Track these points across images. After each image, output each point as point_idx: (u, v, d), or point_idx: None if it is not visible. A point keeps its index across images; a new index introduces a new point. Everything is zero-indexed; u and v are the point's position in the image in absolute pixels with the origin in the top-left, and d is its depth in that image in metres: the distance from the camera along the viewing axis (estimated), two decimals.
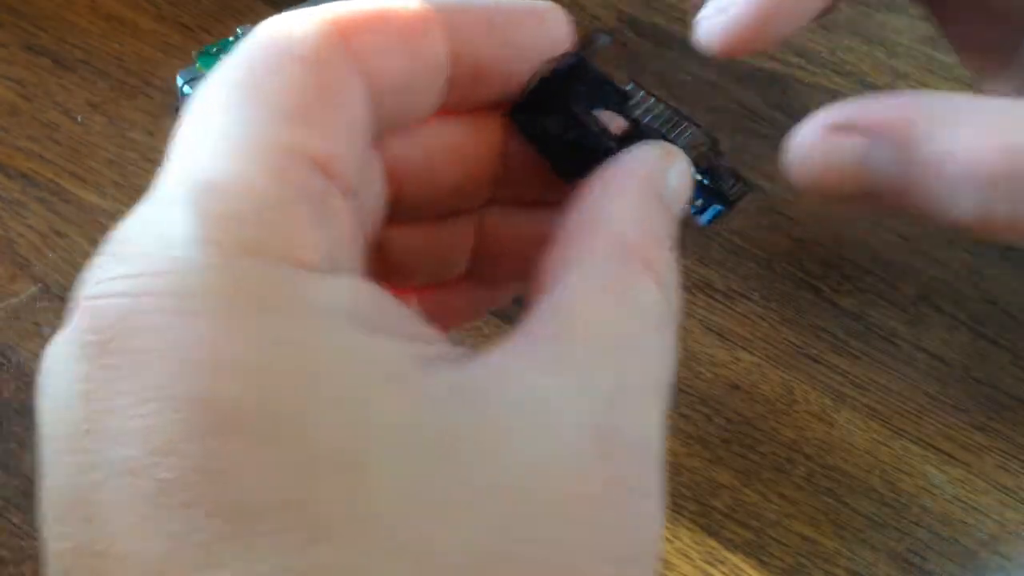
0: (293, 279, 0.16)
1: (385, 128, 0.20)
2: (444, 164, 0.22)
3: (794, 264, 0.39)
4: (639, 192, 0.20)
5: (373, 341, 0.17)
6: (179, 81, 0.38)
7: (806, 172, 0.25)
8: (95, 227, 0.37)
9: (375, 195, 0.21)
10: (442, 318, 0.22)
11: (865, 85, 0.44)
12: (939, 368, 0.37)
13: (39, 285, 0.36)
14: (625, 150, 0.21)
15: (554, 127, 0.22)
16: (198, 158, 0.17)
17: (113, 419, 0.15)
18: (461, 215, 0.23)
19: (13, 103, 0.40)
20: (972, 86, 0.43)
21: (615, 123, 0.23)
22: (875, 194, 0.25)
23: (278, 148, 0.17)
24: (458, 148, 0.22)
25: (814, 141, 0.25)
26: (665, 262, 0.20)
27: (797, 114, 0.28)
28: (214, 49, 0.38)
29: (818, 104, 0.30)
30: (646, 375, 0.19)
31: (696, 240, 0.39)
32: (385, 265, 0.23)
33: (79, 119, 0.40)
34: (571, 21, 0.22)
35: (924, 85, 0.43)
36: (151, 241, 0.17)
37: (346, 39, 0.18)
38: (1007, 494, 0.34)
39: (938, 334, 0.37)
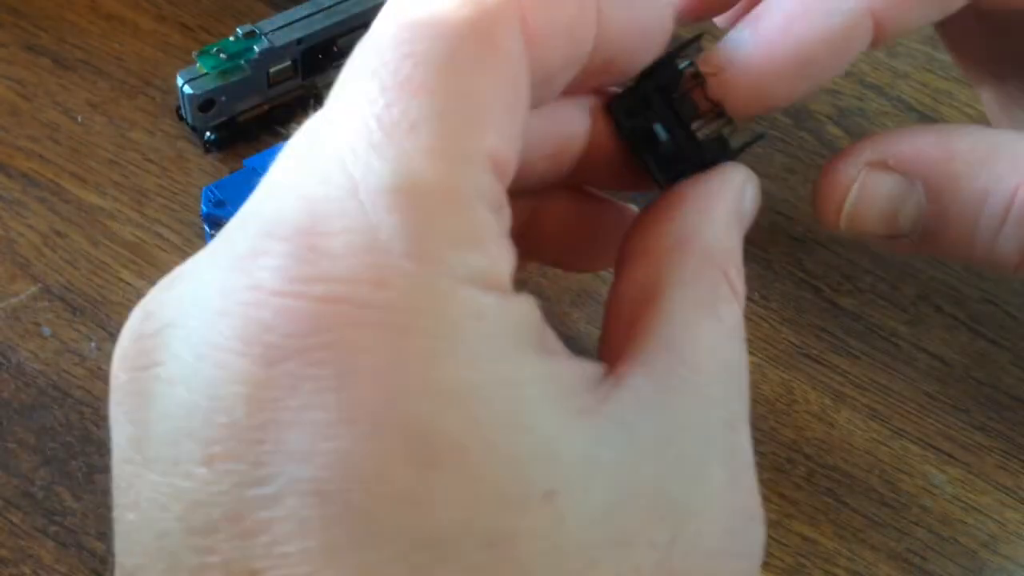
0: (496, 305, 0.16)
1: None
2: (535, 144, 0.21)
3: (794, 264, 0.39)
4: (726, 214, 0.21)
5: (554, 368, 0.16)
6: (179, 81, 0.38)
7: (836, 210, 0.24)
8: (95, 227, 0.37)
9: None
10: None
11: (865, 85, 0.44)
12: (939, 368, 0.37)
13: (39, 285, 0.36)
14: (713, 169, 0.22)
15: (662, 130, 0.22)
16: (399, 151, 0.16)
17: (298, 435, 0.14)
18: (558, 195, 0.23)
19: (13, 103, 0.40)
20: (972, 86, 0.43)
21: (711, 126, 0.23)
22: (908, 234, 0.24)
23: (478, 154, 0.16)
24: (551, 129, 0.21)
25: (847, 178, 0.24)
26: (741, 278, 0.20)
27: (797, 114, 0.28)
28: (214, 49, 0.38)
29: (818, 104, 0.30)
30: (742, 395, 0.19)
31: None
32: None
33: (79, 119, 0.40)
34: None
35: (924, 85, 0.43)
36: (357, 243, 0.15)
37: (523, 23, 0.17)
38: (1007, 494, 0.34)
39: (938, 334, 0.37)
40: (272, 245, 0.15)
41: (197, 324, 0.15)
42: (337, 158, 0.16)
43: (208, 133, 0.39)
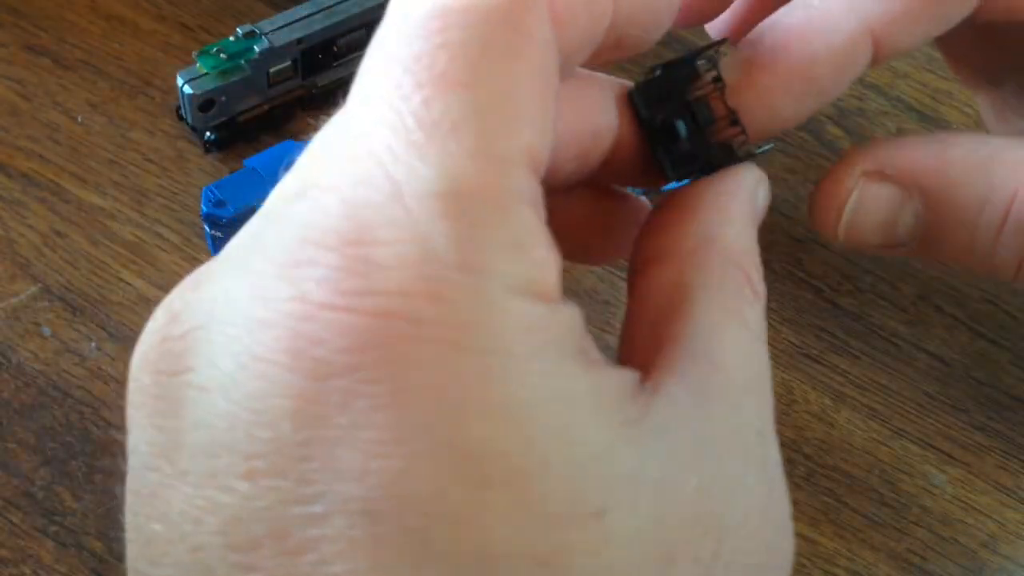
0: (545, 316, 0.15)
1: None
2: (565, 142, 0.21)
3: (794, 264, 0.39)
4: (743, 215, 0.20)
5: (598, 379, 0.16)
6: (179, 81, 0.38)
7: (833, 220, 0.24)
8: (95, 227, 0.37)
9: None
10: None
11: (865, 85, 0.44)
12: (939, 368, 0.37)
13: (39, 285, 0.36)
14: (728, 170, 0.22)
15: (683, 127, 0.22)
16: (443, 152, 0.15)
17: (348, 452, 0.14)
18: (576, 191, 0.23)
19: (13, 103, 0.40)
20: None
21: (729, 131, 0.23)
22: (906, 243, 0.24)
23: (519, 153, 0.16)
24: (580, 127, 0.21)
25: (844, 190, 0.24)
26: (761, 279, 0.20)
27: None
28: (214, 49, 0.38)
29: None
30: (770, 402, 0.19)
31: None
32: None
33: (79, 119, 0.40)
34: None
35: (924, 85, 0.43)
36: (409, 255, 0.15)
37: (551, 5, 0.17)
38: (1007, 494, 0.34)
39: (938, 334, 0.37)
40: (317, 254, 0.15)
41: (236, 332, 0.15)
42: (375, 158, 0.15)
43: (208, 133, 0.39)
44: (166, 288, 0.19)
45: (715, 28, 0.26)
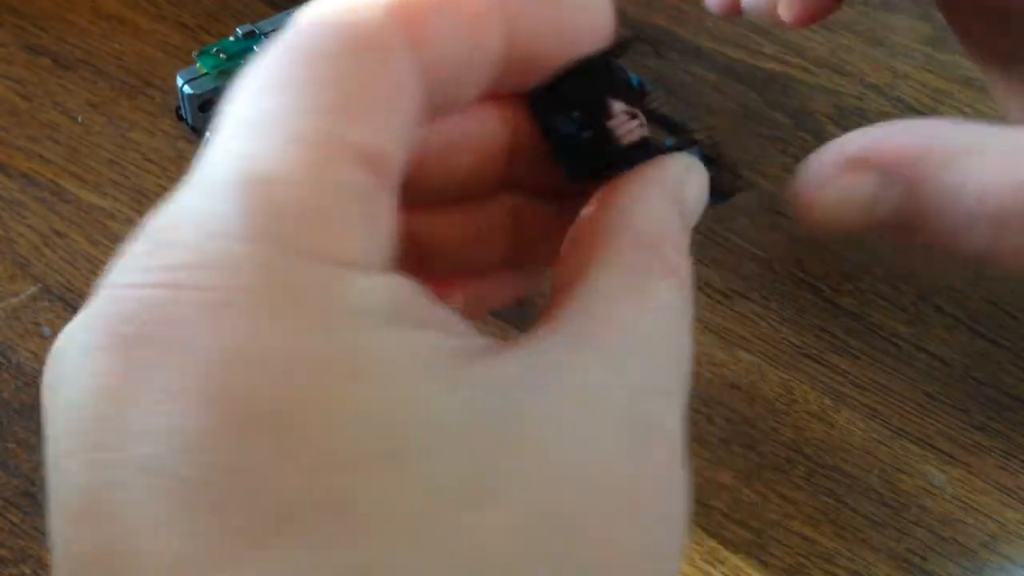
0: (332, 277, 0.16)
1: (432, 115, 0.19)
2: (457, 146, 0.21)
3: (794, 264, 0.39)
4: (660, 199, 0.21)
5: (411, 336, 0.17)
6: (179, 81, 0.38)
7: (817, 207, 0.25)
8: (95, 227, 0.37)
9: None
10: (481, 304, 0.23)
11: (865, 85, 0.44)
12: (939, 368, 0.37)
13: (39, 285, 0.36)
14: (652, 160, 0.22)
15: (570, 124, 0.22)
16: (245, 146, 0.17)
17: (138, 415, 0.15)
18: (489, 201, 0.23)
19: (13, 103, 0.40)
20: (971, 84, 0.43)
21: (629, 127, 0.23)
22: (884, 227, 0.25)
23: (329, 142, 0.17)
24: (471, 131, 0.22)
25: (827, 177, 0.24)
26: (684, 264, 0.20)
27: (797, 114, 0.28)
28: (214, 49, 0.38)
29: (818, 104, 0.30)
30: (669, 370, 0.19)
31: (696, 240, 0.39)
32: (422, 256, 0.23)
33: (79, 119, 0.40)
34: (615, 16, 0.22)
35: (924, 85, 0.43)
36: (192, 231, 0.16)
37: (408, 25, 0.18)
38: (1007, 494, 0.34)
39: (938, 334, 0.37)
40: (133, 245, 0.16)
41: (79, 330, 0.16)
42: (206, 155, 0.17)
43: (208, 133, 0.39)
44: None
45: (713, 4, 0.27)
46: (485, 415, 0.16)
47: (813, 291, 0.38)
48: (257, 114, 0.17)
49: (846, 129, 0.42)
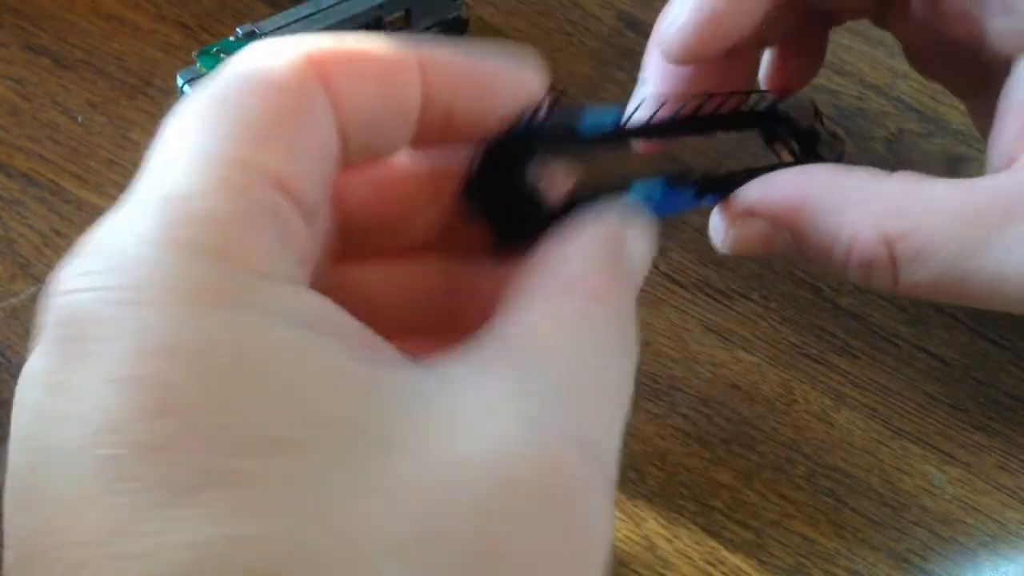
0: (243, 279, 0.18)
1: (355, 159, 0.21)
2: (386, 196, 0.23)
3: (794, 264, 0.39)
4: (593, 241, 0.22)
5: (318, 340, 0.18)
6: (179, 81, 0.38)
7: (722, 242, 0.28)
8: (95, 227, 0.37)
9: (324, 219, 0.22)
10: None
11: (865, 85, 0.44)
12: (939, 368, 0.37)
13: (39, 285, 0.36)
14: (588, 212, 0.22)
15: (498, 201, 0.23)
16: (167, 173, 0.19)
17: (67, 402, 0.17)
18: (422, 258, 0.24)
19: (13, 103, 0.40)
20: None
21: (559, 187, 0.23)
22: (786, 256, 0.28)
23: (241, 166, 0.18)
24: (399, 183, 0.23)
25: (724, 226, 0.28)
26: (619, 296, 0.21)
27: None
28: (214, 49, 0.38)
29: (817, 104, 0.31)
30: (582, 382, 0.20)
31: (696, 240, 0.39)
32: (366, 311, 0.23)
33: (79, 119, 0.40)
34: (545, 73, 0.23)
35: (924, 85, 0.43)
36: (115, 242, 0.18)
37: (320, 71, 0.20)
38: (1007, 494, 0.34)
39: (938, 334, 0.37)
40: (68, 261, 0.19)
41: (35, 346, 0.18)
42: (137, 186, 0.19)
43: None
44: None
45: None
46: (382, 419, 0.18)
47: (813, 291, 0.38)
48: (179, 145, 0.19)
49: (846, 129, 0.42)
